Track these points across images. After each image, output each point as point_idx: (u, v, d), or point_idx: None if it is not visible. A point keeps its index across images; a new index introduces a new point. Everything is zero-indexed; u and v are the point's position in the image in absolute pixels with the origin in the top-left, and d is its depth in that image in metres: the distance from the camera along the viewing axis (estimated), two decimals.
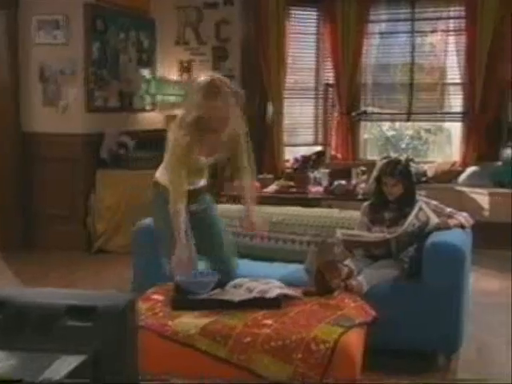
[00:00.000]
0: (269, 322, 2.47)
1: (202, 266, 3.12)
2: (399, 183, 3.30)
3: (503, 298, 4.37)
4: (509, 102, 6.19)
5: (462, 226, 3.28)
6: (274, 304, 2.62)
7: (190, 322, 2.50)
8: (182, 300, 2.66)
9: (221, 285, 2.79)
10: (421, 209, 3.23)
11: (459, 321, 3.07)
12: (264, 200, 4.44)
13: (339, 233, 3.20)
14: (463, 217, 3.35)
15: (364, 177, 4.89)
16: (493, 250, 5.29)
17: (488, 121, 6.20)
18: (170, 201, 2.88)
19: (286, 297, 2.71)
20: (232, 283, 2.82)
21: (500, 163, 6.17)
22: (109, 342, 1.25)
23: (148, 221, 3.65)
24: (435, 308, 3.02)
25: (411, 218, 3.17)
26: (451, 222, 3.27)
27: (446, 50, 6.39)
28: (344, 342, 2.36)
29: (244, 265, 3.40)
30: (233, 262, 3.21)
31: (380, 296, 3.00)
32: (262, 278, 2.90)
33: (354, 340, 2.43)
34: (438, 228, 3.22)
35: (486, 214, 5.74)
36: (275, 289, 2.72)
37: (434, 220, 3.25)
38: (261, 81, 6.49)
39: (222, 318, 2.51)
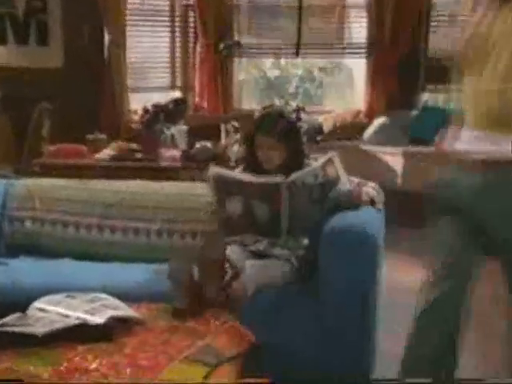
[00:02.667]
0: (93, 364, 2.20)
1: None
2: (280, 146, 3.12)
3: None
4: (427, 30, 6.22)
5: (373, 203, 3.08)
6: (101, 334, 2.35)
7: None
8: None
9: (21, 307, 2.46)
10: (331, 161, 2.99)
11: (371, 336, 3.00)
12: (93, 172, 4.20)
13: (212, 170, 3.04)
14: (372, 188, 3.16)
15: (238, 135, 4.77)
16: (407, 229, 5.32)
17: (401, 56, 6.26)
18: None
19: (121, 321, 2.44)
20: (37, 303, 2.50)
21: (416, 112, 6.22)
22: None
23: None
24: (339, 320, 2.93)
25: (316, 165, 2.98)
26: (365, 193, 3.05)
27: None
28: None
29: (60, 268, 3.23)
30: None
31: (263, 307, 2.90)
32: (86, 291, 2.63)
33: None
34: (347, 198, 3.03)
35: (399, 181, 5.78)
36: (105, 309, 2.45)
37: (345, 184, 3.04)
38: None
39: (19, 363, 2.21)
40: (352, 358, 2.94)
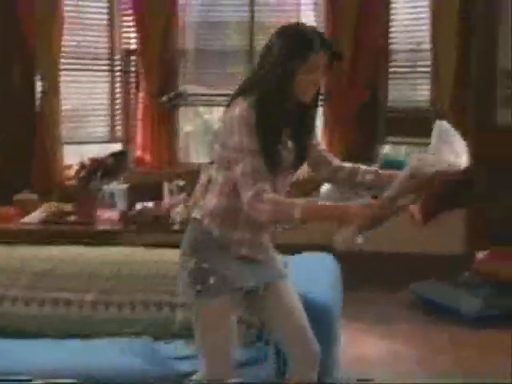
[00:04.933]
0: None
1: None
2: None
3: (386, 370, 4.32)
4: (387, 75, 6.33)
5: None
6: None
7: None
8: None
9: None
10: None
11: None
12: (21, 237, 4.16)
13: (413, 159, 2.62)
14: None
15: (183, 195, 4.75)
16: (364, 293, 5.46)
17: (359, 104, 6.30)
18: None
19: None
20: None
21: (376, 166, 6.28)
22: None
23: None
24: None
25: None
26: None
27: (298, 2, 6.47)
28: None
29: None
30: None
31: None
32: (11, 374, 2.71)
33: None
34: None
35: (358, 240, 5.79)
36: None
37: None
38: (23, 41, 6.18)
39: None
40: None
